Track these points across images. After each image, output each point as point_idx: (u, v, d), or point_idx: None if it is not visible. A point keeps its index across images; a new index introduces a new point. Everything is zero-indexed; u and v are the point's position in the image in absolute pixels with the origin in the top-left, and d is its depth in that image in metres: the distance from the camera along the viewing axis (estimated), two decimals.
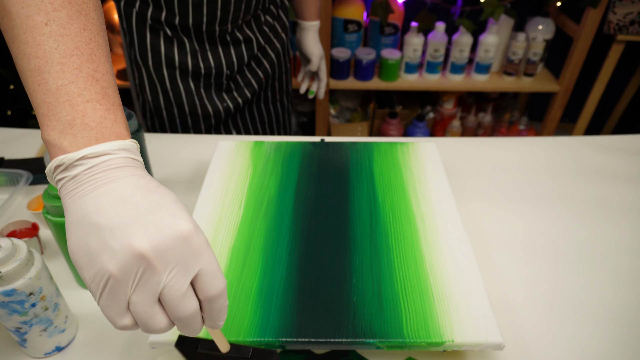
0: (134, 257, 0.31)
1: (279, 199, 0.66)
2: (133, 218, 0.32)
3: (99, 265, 0.31)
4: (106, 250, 0.31)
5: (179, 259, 0.32)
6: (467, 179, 0.81)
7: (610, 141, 0.92)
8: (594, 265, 0.65)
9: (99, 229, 0.31)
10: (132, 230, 0.31)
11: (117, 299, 0.32)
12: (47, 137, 0.34)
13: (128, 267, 0.31)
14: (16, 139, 0.90)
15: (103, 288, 0.31)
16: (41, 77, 0.34)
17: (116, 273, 0.31)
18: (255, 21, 0.89)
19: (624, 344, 0.54)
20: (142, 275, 0.31)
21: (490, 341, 0.48)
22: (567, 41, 1.73)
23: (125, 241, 0.31)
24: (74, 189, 0.33)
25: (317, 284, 0.53)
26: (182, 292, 0.32)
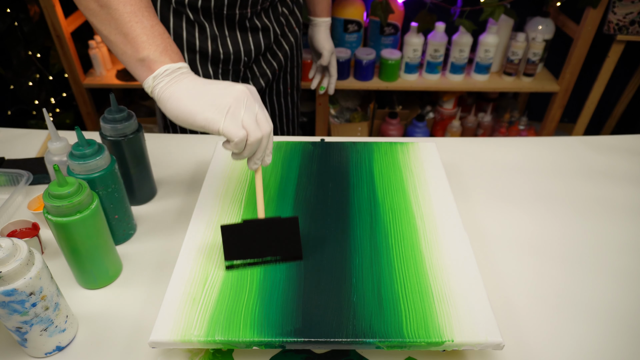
0: (240, 91, 0.52)
1: (279, 199, 0.66)
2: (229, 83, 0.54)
3: (221, 103, 0.51)
4: (222, 95, 0.52)
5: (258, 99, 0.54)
6: (467, 179, 0.81)
7: (610, 141, 0.92)
8: (594, 264, 0.65)
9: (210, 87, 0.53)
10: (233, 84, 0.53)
11: (235, 119, 0.51)
12: (149, 55, 0.54)
13: (239, 97, 0.52)
14: (16, 139, 0.90)
15: (226, 114, 0.51)
16: (138, 17, 0.54)
17: (232, 102, 0.52)
18: (273, 11, 0.92)
19: (624, 344, 0.55)
20: (246, 102, 0.52)
21: (490, 341, 0.48)
22: (566, 41, 1.73)
23: (233, 87, 0.53)
24: (176, 81, 0.53)
25: (317, 284, 0.54)
26: (266, 116, 0.54)
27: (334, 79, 1.09)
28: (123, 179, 0.67)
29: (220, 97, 0.52)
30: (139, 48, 0.53)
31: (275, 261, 0.56)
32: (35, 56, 1.71)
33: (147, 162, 0.72)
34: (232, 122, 0.51)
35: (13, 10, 1.62)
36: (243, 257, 0.56)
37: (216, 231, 0.60)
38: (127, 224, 0.67)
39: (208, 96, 0.52)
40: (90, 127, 1.84)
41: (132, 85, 1.75)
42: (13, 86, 1.72)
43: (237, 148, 0.52)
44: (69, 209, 0.52)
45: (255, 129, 0.52)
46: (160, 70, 0.53)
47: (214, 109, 0.51)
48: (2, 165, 0.81)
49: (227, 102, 0.51)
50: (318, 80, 1.11)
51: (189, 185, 0.79)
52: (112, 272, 0.61)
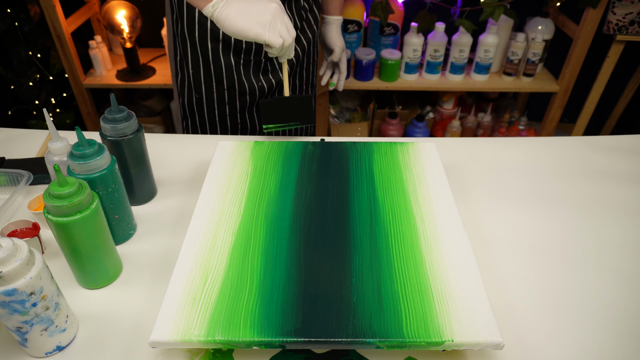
0: (275, 9, 0.70)
1: (279, 199, 0.66)
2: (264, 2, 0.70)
3: (264, 18, 0.69)
4: (264, 12, 0.69)
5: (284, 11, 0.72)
6: (467, 178, 0.81)
7: (610, 141, 0.92)
8: (594, 264, 0.65)
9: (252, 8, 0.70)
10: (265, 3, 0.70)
11: (275, 30, 0.70)
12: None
13: (275, 13, 0.70)
14: (16, 139, 0.90)
15: (268, 26, 0.69)
16: None
17: (271, 18, 0.70)
18: (295, 4, 0.94)
19: (624, 344, 0.55)
20: (280, 17, 0.71)
21: (489, 341, 0.48)
22: (566, 41, 1.73)
23: (268, 6, 0.70)
24: (226, 5, 0.69)
25: (317, 284, 0.54)
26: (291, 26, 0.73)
27: (344, 76, 1.12)
28: (123, 179, 0.67)
29: (263, 15, 0.69)
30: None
31: (296, 124, 0.83)
32: (35, 56, 1.71)
33: (147, 162, 0.72)
34: (273, 34, 0.70)
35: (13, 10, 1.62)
36: (275, 122, 0.82)
37: (216, 231, 0.60)
38: (127, 224, 0.67)
39: (253, 14, 0.69)
40: (91, 127, 1.85)
41: (132, 85, 1.75)
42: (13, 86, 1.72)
43: (278, 51, 0.72)
44: (69, 209, 0.52)
45: (288, 36, 0.71)
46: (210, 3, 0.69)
47: (260, 25, 0.69)
48: (2, 165, 0.81)
49: (268, 19, 0.69)
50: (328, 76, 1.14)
51: (189, 185, 0.79)
52: (112, 272, 0.61)
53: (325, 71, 1.15)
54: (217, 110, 0.98)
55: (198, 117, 1.01)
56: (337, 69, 1.13)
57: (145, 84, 1.74)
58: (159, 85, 1.74)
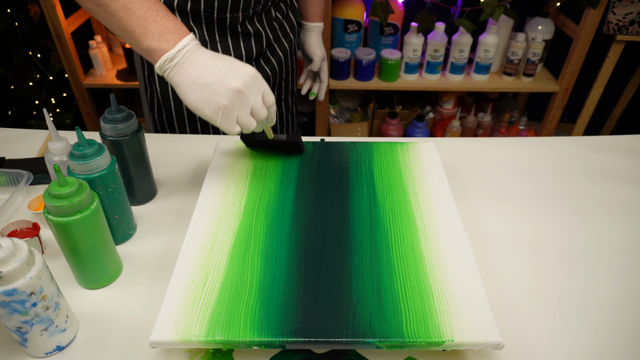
0: (235, 92, 0.55)
1: (279, 199, 0.66)
2: (223, 73, 0.56)
3: (216, 103, 0.56)
4: (217, 94, 0.55)
5: (254, 87, 0.57)
6: (467, 179, 0.81)
7: (610, 141, 0.92)
8: (594, 264, 0.65)
9: (207, 85, 0.55)
10: (227, 78, 0.55)
11: (231, 118, 0.57)
12: (149, 46, 0.56)
13: (234, 98, 0.56)
14: (17, 139, 0.90)
15: (222, 114, 0.56)
16: (130, 10, 0.55)
17: (228, 103, 0.56)
18: (266, 15, 0.90)
19: (624, 344, 0.55)
20: (241, 101, 0.56)
21: (489, 341, 0.48)
22: (566, 41, 1.73)
23: (226, 85, 0.55)
24: (179, 70, 0.56)
25: (317, 284, 0.54)
26: (260, 105, 0.58)
27: (325, 85, 1.06)
28: (123, 179, 0.67)
29: (217, 97, 0.56)
30: (139, 41, 0.56)
31: None
32: (35, 56, 1.71)
33: (147, 162, 0.72)
34: (226, 122, 0.57)
35: (13, 10, 1.62)
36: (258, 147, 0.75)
37: (216, 231, 0.60)
38: (127, 224, 0.67)
39: (206, 92, 0.56)
40: (91, 127, 1.85)
41: (132, 85, 1.75)
42: (13, 86, 1.72)
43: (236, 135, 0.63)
44: (69, 209, 0.52)
45: (250, 122, 0.58)
46: (161, 61, 0.56)
47: (212, 109, 0.56)
48: (2, 165, 0.81)
49: (222, 104, 0.56)
50: (308, 86, 1.07)
51: (189, 185, 0.79)
52: (112, 272, 0.61)
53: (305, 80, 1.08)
54: (188, 127, 0.93)
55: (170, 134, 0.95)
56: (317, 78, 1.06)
57: None
58: None
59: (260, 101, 0.58)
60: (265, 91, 0.59)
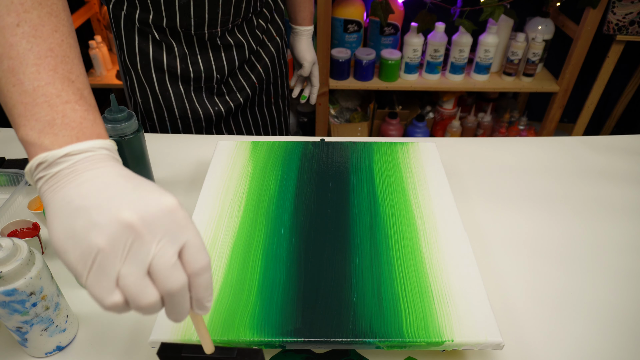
0: (122, 228, 0.30)
1: (279, 199, 0.66)
2: (118, 194, 0.32)
3: (86, 242, 0.30)
4: (92, 227, 0.31)
5: (166, 230, 0.32)
6: (467, 179, 0.81)
7: (610, 141, 0.92)
8: (594, 264, 0.65)
9: (83, 210, 0.31)
10: (118, 204, 0.31)
11: (107, 273, 0.31)
12: (25, 137, 0.35)
13: (117, 238, 0.30)
14: (17, 139, 0.90)
15: (91, 265, 0.31)
16: (16, 78, 0.34)
17: (104, 246, 0.30)
18: (248, 25, 0.87)
19: (624, 344, 0.55)
20: (131, 246, 0.31)
21: (489, 341, 0.48)
22: (566, 41, 1.73)
23: (112, 214, 0.31)
24: (55, 183, 0.33)
25: (317, 284, 0.54)
26: (171, 263, 0.32)
27: (316, 89, 1.04)
28: None
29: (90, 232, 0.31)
30: (15, 124, 0.36)
31: None
32: None
33: (147, 162, 0.72)
34: (97, 280, 0.31)
35: None
36: None
37: (216, 231, 0.60)
38: None
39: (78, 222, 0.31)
40: None
41: None
42: None
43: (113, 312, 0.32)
44: None
45: (142, 289, 0.31)
46: (34, 162, 0.34)
47: (79, 253, 0.31)
48: (2, 165, 0.81)
49: (96, 245, 0.30)
50: (299, 89, 1.06)
51: (189, 185, 0.79)
52: None
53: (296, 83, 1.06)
54: None
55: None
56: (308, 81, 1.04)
57: None
58: None
59: (174, 255, 0.32)
60: (191, 243, 0.33)
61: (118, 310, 0.32)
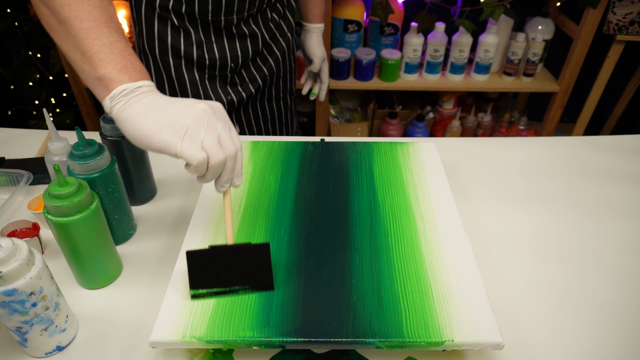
0: (201, 111, 0.49)
1: (279, 199, 0.66)
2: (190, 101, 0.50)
3: (179, 122, 0.48)
4: (181, 113, 0.48)
5: (223, 118, 0.51)
6: (467, 179, 0.81)
7: (610, 141, 0.92)
8: (594, 264, 0.65)
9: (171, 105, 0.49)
10: (195, 102, 0.50)
11: (195, 139, 0.48)
12: (107, 74, 0.50)
13: (199, 117, 0.48)
14: (16, 139, 0.90)
15: (184, 135, 0.47)
16: (95, 34, 0.50)
17: (192, 122, 0.48)
18: (262, 16, 0.90)
19: (624, 344, 0.55)
20: (207, 122, 0.48)
21: (489, 341, 0.48)
22: (566, 41, 1.73)
23: (193, 105, 0.49)
24: (133, 101, 0.49)
25: (317, 284, 0.54)
26: (229, 136, 0.50)
27: (325, 86, 1.07)
28: (123, 179, 0.67)
29: (179, 117, 0.48)
30: (97, 66, 0.50)
31: (244, 290, 0.52)
32: (35, 56, 1.71)
33: (147, 162, 0.72)
34: (190, 145, 0.47)
35: (13, 10, 1.62)
36: (209, 286, 0.52)
37: (216, 231, 0.60)
38: (127, 224, 0.67)
39: (166, 116, 0.48)
40: (90, 127, 1.84)
41: None
42: (13, 86, 1.72)
43: (198, 171, 0.48)
44: (69, 209, 0.52)
45: (217, 150, 0.48)
46: (117, 90, 0.49)
47: (171, 130, 0.47)
48: (2, 165, 0.81)
49: (185, 123, 0.47)
50: (309, 86, 1.09)
51: (189, 185, 0.79)
52: (112, 272, 0.61)
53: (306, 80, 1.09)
54: None
55: None
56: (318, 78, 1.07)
57: None
58: None
59: (228, 133, 0.50)
60: (233, 131, 0.51)
61: (201, 168, 0.48)
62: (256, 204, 0.65)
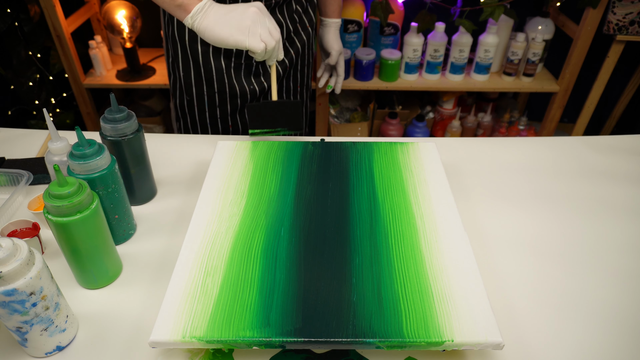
0: (254, 13, 0.71)
1: (279, 199, 0.66)
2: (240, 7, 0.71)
3: (243, 24, 0.70)
4: (241, 19, 0.70)
5: (265, 12, 0.73)
6: (467, 179, 0.81)
7: (610, 141, 0.92)
8: (594, 264, 0.65)
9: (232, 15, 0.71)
10: (245, 7, 0.71)
11: (255, 35, 0.71)
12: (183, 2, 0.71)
13: (254, 18, 0.71)
14: (16, 139, 0.90)
15: (248, 32, 0.70)
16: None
17: (251, 23, 0.70)
18: (287, 7, 0.94)
19: (624, 344, 0.55)
20: (260, 20, 0.71)
21: (489, 340, 0.48)
22: (566, 41, 1.73)
23: (247, 11, 0.71)
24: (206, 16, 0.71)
25: (317, 284, 0.54)
26: (274, 27, 0.73)
27: (341, 79, 1.13)
28: (123, 179, 0.67)
29: (242, 21, 0.70)
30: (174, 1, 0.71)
31: (283, 131, 0.80)
32: (35, 56, 1.71)
33: (147, 162, 0.72)
34: (254, 39, 0.70)
35: (13, 10, 1.62)
36: (262, 127, 0.80)
37: (216, 231, 0.60)
38: (127, 224, 0.67)
39: (232, 22, 0.70)
40: (91, 127, 1.84)
41: (132, 85, 1.75)
42: (13, 86, 1.72)
43: (261, 57, 0.73)
44: (69, 209, 0.52)
45: (270, 39, 0.71)
46: (195, 10, 0.70)
47: (239, 32, 0.70)
48: (2, 165, 0.81)
49: (247, 24, 0.70)
50: (326, 79, 1.15)
51: (189, 185, 0.79)
52: (112, 272, 0.61)
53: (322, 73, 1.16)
54: (207, 112, 0.98)
55: (190, 119, 1.01)
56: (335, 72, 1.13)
57: (145, 84, 1.74)
58: (158, 85, 1.74)
59: (273, 22, 0.73)
60: (271, 21, 0.73)
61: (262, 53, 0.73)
62: (256, 203, 0.65)
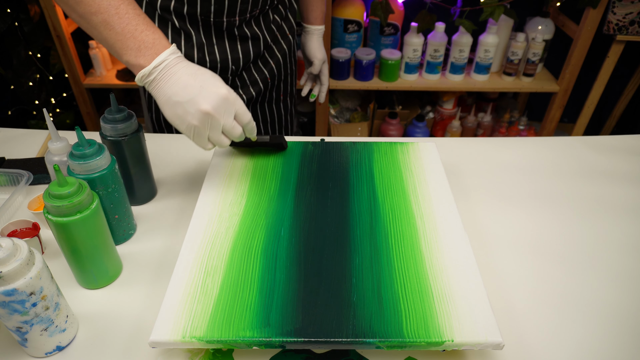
0: (204, 115, 0.57)
1: (279, 199, 0.66)
2: (195, 94, 0.57)
3: (187, 122, 0.58)
4: (188, 114, 0.57)
5: (225, 109, 0.58)
6: (467, 179, 0.81)
7: (610, 141, 0.92)
8: (594, 264, 0.65)
9: (180, 104, 0.57)
10: (197, 100, 0.57)
11: (202, 137, 0.59)
12: (129, 61, 0.58)
13: (202, 120, 0.58)
14: (17, 139, 0.90)
15: (193, 133, 0.59)
16: (109, 25, 0.57)
17: (198, 124, 0.58)
18: (264, 18, 0.90)
19: (624, 344, 0.55)
20: (211, 123, 0.58)
21: (489, 341, 0.48)
22: (566, 41, 1.73)
23: (196, 108, 0.57)
24: (156, 85, 0.58)
25: (317, 284, 0.54)
26: (232, 125, 0.60)
27: (325, 88, 1.07)
28: (123, 179, 0.67)
29: (189, 116, 0.58)
30: (119, 54, 0.58)
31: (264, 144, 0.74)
32: (35, 56, 1.71)
33: (147, 162, 0.72)
34: (198, 140, 0.60)
35: (13, 10, 1.62)
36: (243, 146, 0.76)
37: (217, 231, 0.60)
38: (127, 224, 0.67)
39: (179, 111, 0.58)
40: (90, 127, 1.85)
41: (132, 85, 1.75)
42: (13, 86, 1.72)
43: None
44: (69, 209, 0.52)
45: (221, 141, 0.61)
46: (139, 76, 0.58)
47: (185, 126, 0.59)
48: (2, 165, 0.81)
49: (193, 124, 0.58)
50: (308, 87, 1.08)
51: (189, 185, 0.79)
52: (112, 272, 0.61)
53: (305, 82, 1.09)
54: None
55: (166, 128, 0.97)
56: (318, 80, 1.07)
57: None
58: None
59: (231, 122, 0.59)
60: (239, 111, 0.60)
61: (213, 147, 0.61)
62: (256, 204, 0.65)
